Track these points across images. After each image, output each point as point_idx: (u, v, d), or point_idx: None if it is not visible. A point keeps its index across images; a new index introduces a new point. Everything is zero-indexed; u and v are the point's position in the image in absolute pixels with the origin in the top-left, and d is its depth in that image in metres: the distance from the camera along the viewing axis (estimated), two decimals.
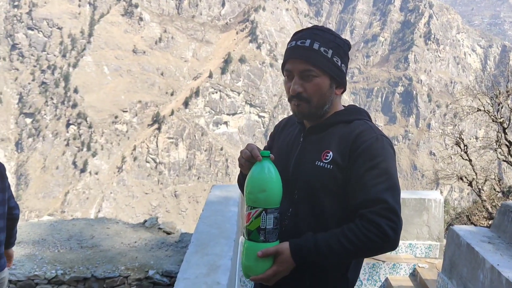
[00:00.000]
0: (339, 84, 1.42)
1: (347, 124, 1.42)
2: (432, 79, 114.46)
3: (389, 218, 1.25)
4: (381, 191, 1.27)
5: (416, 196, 4.44)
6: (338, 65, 1.39)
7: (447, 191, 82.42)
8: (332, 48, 1.38)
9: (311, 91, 1.38)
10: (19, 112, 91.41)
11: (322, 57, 1.37)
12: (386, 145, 1.35)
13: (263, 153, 1.35)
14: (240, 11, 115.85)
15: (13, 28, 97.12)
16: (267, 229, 1.31)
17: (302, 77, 1.38)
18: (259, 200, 1.30)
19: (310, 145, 1.44)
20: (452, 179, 10.22)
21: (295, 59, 1.39)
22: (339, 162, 1.35)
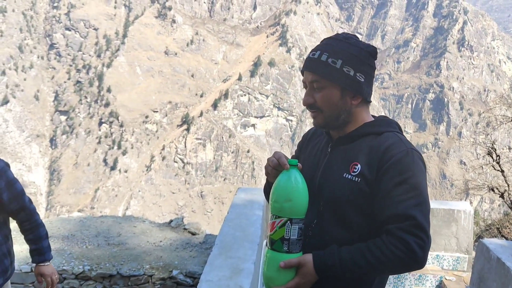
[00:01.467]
0: (355, 94, 1.39)
1: (376, 136, 1.38)
2: (464, 87, 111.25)
3: (417, 235, 1.20)
4: (409, 207, 1.23)
5: (445, 206, 4.33)
6: (349, 75, 1.36)
7: (477, 202, 79.81)
8: (342, 58, 1.36)
9: (320, 101, 1.38)
10: (54, 110, 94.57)
11: (330, 68, 1.36)
12: (416, 160, 1.31)
13: (291, 162, 1.32)
14: (271, 15, 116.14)
15: (51, 28, 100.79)
16: (291, 240, 1.28)
17: (312, 88, 1.40)
18: (285, 209, 1.28)
19: (337, 156, 1.42)
20: (483, 190, 9.90)
21: (306, 71, 1.41)
22: (367, 175, 1.32)
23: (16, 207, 2.17)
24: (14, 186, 2.15)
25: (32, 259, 2.25)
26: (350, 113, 1.40)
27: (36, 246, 2.24)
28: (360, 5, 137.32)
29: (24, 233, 2.23)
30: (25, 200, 2.22)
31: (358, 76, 1.37)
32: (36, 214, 2.26)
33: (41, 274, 2.25)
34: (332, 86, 1.37)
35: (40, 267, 2.24)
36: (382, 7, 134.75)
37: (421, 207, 1.24)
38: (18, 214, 2.20)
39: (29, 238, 2.25)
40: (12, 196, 2.13)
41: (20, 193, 2.20)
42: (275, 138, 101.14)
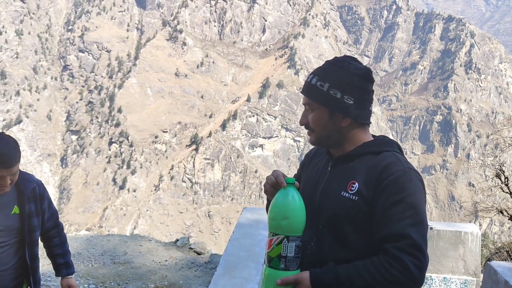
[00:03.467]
0: (343, 115, 1.41)
1: (375, 155, 1.40)
2: (472, 109, 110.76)
3: (414, 255, 1.20)
4: (406, 226, 1.23)
5: (451, 228, 4.32)
6: (336, 97, 1.39)
7: (486, 224, 78.30)
8: (329, 81, 1.40)
9: (311, 122, 1.44)
10: (66, 129, 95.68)
11: (317, 91, 1.41)
12: (414, 179, 1.32)
13: (288, 180, 1.34)
14: (280, 38, 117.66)
15: (66, 50, 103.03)
16: (288, 257, 1.28)
17: (306, 110, 1.48)
18: (282, 227, 1.29)
19: (336, 175, 1.44)
20: (492, 212, 9.81)
21: (302, 93, 1.50)
22: (365, 193, 1.33)
23: (51, 225, 2.31)
24: (52, 205, 2.32)
25: (59, 272, 2.36)
26: (342, 134, 1.43)
27: (64, 260, 2.35)
28: (367, 28, 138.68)
29: (52, 248, 2.34)
30: (58, 216, 2.38)
31: (346, 99, 1.40)
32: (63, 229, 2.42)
33: (69, 286, 2.36)
34: (320, 108, 1.42)
35: (68, 280, 2.36)
36: (390, 30, 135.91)
37: (418, 226, 1.24)
38: (51, 230, 2.32)
39: (58, 253, 2.35)
40: (50, 215, 2.28)
41: (56, 211, 2.36)
42: (283, 159, 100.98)
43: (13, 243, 2.10)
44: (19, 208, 2.10)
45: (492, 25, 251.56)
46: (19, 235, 2.10)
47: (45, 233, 2.29)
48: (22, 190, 2.10)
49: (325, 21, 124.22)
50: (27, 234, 2.11)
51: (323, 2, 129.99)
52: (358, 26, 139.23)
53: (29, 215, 2.11)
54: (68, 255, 2.40)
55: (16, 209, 2.10)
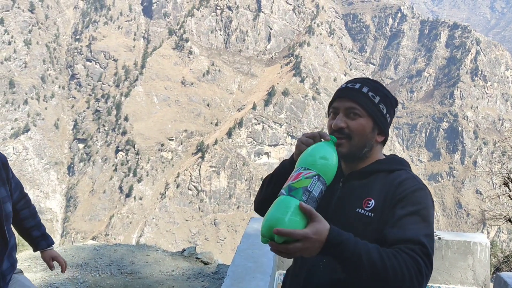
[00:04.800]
0: (381, 131, 1.44)
1: (388, 173, 1.40)
2: (478, 116, 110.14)
3: (426, 261, 1.19)
4: (422, 235, 1.23)
5: (460, 238, 4.29)
6: (383, 112, 1.42)
7: (494, 232, 77.39)
8: (380, 96, 1.43)
9: (353, 128, 1.40)
10: (73, 138, 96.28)
11: (369, 100, 1.41)
12: (428, 195, 1.34)
13: (332, 137, 1.35)
14: (285, 46, 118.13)
15: (73, 60, 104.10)
16: (312, 194, 1.20)
17: (347, 115, 1.42)
18: (317, 164, 1.25)
19: (349, 191, 1.42)
20: (500, 221, 9.75)
21: (342, 98, 1.43)
22: (381, 210, 1.33)
23: (18, 196, 2.14)
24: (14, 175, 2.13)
25: (38, 245, 2.22)
26: (371, 148, 1.44)
27: (40, 232, 2.20)
28: (372, 36, 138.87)
29: (23, 222, 2.17)
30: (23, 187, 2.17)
31: (387, 116, 1.45)
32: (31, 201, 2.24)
33: (53, 258, 2.23)
34: (367, 117, 1.41)
35: (50, 251, 2.22)
36: (395, 38, 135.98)
37: (430, 238, 1.24)
38: (19, 202, 2.14)
39: (31, 225, 2.18)
40: (15, 184, 2.10)
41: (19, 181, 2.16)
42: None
43: None
44: None
45: (498, 32, 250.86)
46: None
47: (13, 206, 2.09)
48: None
49: (330, 29, 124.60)
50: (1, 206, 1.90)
51: (328, 10, 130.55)
52: (363, 34, 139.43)
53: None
54: (43, 227, 2.23)
55: None
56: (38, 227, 2.21)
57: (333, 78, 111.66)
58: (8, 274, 1.98)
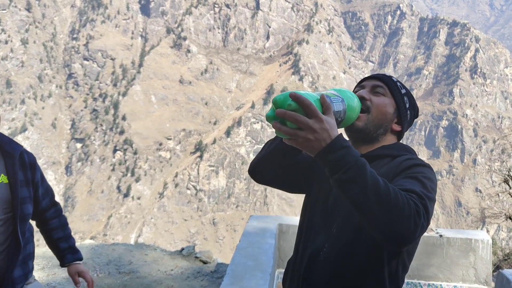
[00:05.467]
0: (399, 120, 1.44)
1: (392, 158, 1.38)
2: (478, 114, 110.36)
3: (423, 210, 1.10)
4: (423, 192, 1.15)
5: (461, 235, 4.22)
6: (406, 104, 1.45)
7: (494, 230, 77.54)
8: (406, 90, 1.47)
9: (376, 103, 1.40)
10: (70, 137, 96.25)
11: (396, 87, 1.44)
12: (431, 171, 1.30)
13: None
14: (284, 44, 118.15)
15: (70, 59, 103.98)
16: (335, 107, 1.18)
17: (372, 91, 1.43)
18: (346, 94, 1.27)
19: None
20: (500, 218, 9.67)
21: (372, 79, 1.47)
22: None
23: (48, 204, 2.02)
24: (45, 180, 2.00)
25: (64, 259, 2.07)
26: (386, 133, 1.43)
27: (68, 244, 2.08)
28: (371, 34, 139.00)
29: (51, 232, 2.05)
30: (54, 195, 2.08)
31: (408, 112, 1.46)
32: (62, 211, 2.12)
33: (79, 273, 2.07)
34: (391, 100, 1.43)
35: (77, 266, 2.07)
36: (394, 36, 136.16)
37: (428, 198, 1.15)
38: (48, 210, 2.03)
39: (59, 237, 2.06)
40: (45, 190, 1.99)
41: (51, 188, 2.05)
42: None
43: (5, 219, 1.79)
44: (8, 176, 1.80)
45: (497, 30, 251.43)
46: (10, 210, 1.79)
47: (42, 214, 1.98)
48: (9, 154, 1.81)
49: (329, 27, 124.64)
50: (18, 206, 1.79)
51: (327, 8, 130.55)
52: (362, 31, 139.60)
53: (20, 184, 1.81)
54: (71, 239, 2.09)
55: (3, 178, 1.79)
56: (67, 239, 2.08)
57: (332, 76, 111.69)
58: (19, 283, 1.86)
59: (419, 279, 4.14)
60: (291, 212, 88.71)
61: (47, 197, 2.01)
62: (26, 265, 1.90)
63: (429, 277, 4.13)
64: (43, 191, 1.97)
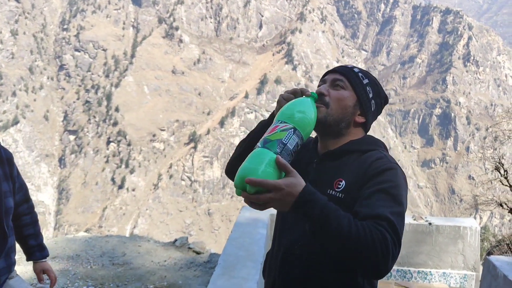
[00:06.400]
0: (363, 112, 1.43)
1: (361, 154, 1.38)
2: (471, 101, 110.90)
3: (393, 238, 1.14)
4: (388, 213, 1.19)
5: (450, 223, 4.28)
6: (368, 95, 1.42)
7: (487, 217, 78.56)
8: (369, 79, 1.44)
9: (333, 96, 1.40)
10: (63, 129, 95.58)
11: (357, 78, 1.42)
12: (399, 175, 1.31)
13: (313, 94, 1.35)
14: (276, 33, 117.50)
15: (61, 50, 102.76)
16: (287, 147, 1.19)
17: (332, 85, 1.43)
18: (295, 117, 1.24)
19: (322, 172, 1.41)
20: (492, 205, 9.78)
21: (333, 72, 1.46)
22: (351, 191, 1.31)
23: (21, 198, 2.06)
24: (20, 175, 2.05)
25: (32, 256, 2.12)
26: (349, 127, 1.42)
27: (36, 241, 2.12)
28: (364, 22, 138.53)
29: (22, 228, 2.08)
30: (28, 190, 2.11)
31: (372, 103, 1.44)
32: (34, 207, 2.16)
33: (44, 271, 2.14)
34: (351, 92, 1.41)
35: (43, 264, 2.13)
36: (387, 24, 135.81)
37: (398, 217, 1.21)
38: (20, 206, 2.07)
39: (29, 233, 2.10)
40: (19, 185, 2.03)
41: (25, 183, 2.10)
42: None
43: None
44: None
45: (490, 17, 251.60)
46: None
47: (14, 209, 2.00)
48: None
49: (322, 16, 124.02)
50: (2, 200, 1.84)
51: None
52: (355, 20, 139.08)
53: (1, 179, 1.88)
54: (41, 237, 2.15)
55: None
56: (36, 236, 2.12)
57: (325, 66, 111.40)
58: (3, 275, 1.92)
59: (409, 266, 4.19)
60: None
61: (21, 191, 2.05)
62: (9, 257, 1.94)
63: (418, 264, 4.19)
64: (18, 186, 2.01)
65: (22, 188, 2.07)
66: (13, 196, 1.94)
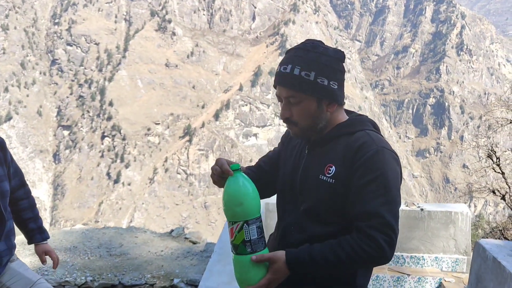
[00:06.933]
0: (330, 101, 1.41)
1: (350, 136, 1.40)
2: (464, 91, 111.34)
3: (386, 233, 1.26)
4: (378, 206, 1.27)
5: (442, 209, 4.35)
6: (323, 85, 1.37)
7: (481, 205, 79.36)
8: (314, 69, 1.36)
9: (297, 115, 1.40)
10: (57, 125, 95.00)
11: (304, 81, 1.36)
12: (387, 158, 1.34)
13: (233, 167, 1.34)
14: (270, 25, 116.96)
15: (53, 44, 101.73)
16: (252, 240, 1.29)
17: (289, 103, 1.40)
18: (238, 214, 1.29)
19: (314, 158, 1.44)
20: (485, 193, 9.92)
21: (279, 85, 1.41)
22: (342, 176, 1.35)
23: (17, 183, 2.11)
24: (14, 160, 2.09)
25: (32, 238, 2.20)
26: (326, 120, 1.43)
27: (36, 224, 2.19)
28: (358, 13, 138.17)
29: (21, 213, 2.15)
30: (24, 176, 2.15)
31: (332, 84, 1.38)
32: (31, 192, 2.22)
33: (46, 252, 2.21)
34: (308, 99, 1.38)
35: (44, 245, 2.21)
36: (380, 14, 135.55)
37: (389, 205, 1.28)
38: (17, 190, 2.11)
39: (28, 217, 2.17)
40: (14, 170, 2.08)
41: (20, 169, 2.14)
42: None
43: None
44: None
45: (483, 6, 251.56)
46: None
47: (11, 194, 2.05)
48: None
49: (315, 7, 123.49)
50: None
51: None
52: (348, 10, 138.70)
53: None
54: (40, 220, 2.21)
55: None
56: (35, 220, 2.18)
57: None
58: (5, 256, 1.97)
59: (402, 251, 4.27)
60: None
61: (16, 176, 2.09)
62: (9, 240, 1.99)
63: (411, 249, 4.27)
64: (13, 171, 2.06)
65: (17, 173, 2.11)
66: (8, 181, 1.98)
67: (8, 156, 2.01)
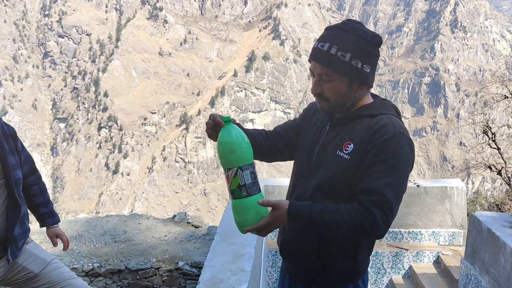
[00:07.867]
0: (361, 83, 1.47)
1: (371, 118, 1.47)
2: (460, 68, 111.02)
3: (384, 211, 1.34)
4: (383, 185, 1.35)
5: (438, 184, 4.44)
6: (357, 67, 1.43)
7: (479, 182, 80.00)
8: (351, 51, 1.42)
9: (328, 92, 1.47)
10: (53, 118, 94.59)
11: (339, 61, 1.42)
12: (403, 143, 1.40)
13: (224, 119, 1.45)
14: (262, 9, 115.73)
15: (44, 37, 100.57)
16: (247, 184, 1.39)
17: (321, 79, 1.47)
18: (232, 160, 1.39)
19: (334, 135, 1.52)
20: (481, 168, 10.01)
21: (314, 61, 1.48)
22: (358, 154, 1.43)
23: (28, 170, 2.21)
24: (25, 148, 2.19)
25: (44, 222, 2.32)
26: (355, 101, 1.50)
27: (47, 209, 2.30)
28: None
29: (32, 198, 2.25)
30: (34, 162, 2.26)
31: (365, 68, 1.45)
32: (42, 178, 2.32)
33: (57, 235, 2.33)
34: (340, 78, 1.45)
35: (55, 229, 2.32)
36: None
37: (393, 187, 1.36)
38: (28, 177, 2.22)
39: (40, 202, 2.28)
40: (25, 157, 2.17)
41: (30, 155, 2.24)
42: None
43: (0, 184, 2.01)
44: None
45: None
46: (3, 176, 2.01)
47: (23, 180, 2.15)
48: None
49: None
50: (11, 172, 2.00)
51: None
52: None
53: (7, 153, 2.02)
54: (51, 204, 2.32)
55: None
56: (46, 204, 2.29)
57: (313, 39, 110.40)
58: (20, 239, 2.10)
59: (400, 227, 4.37)
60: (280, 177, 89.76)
61: (27, 163, 2.19)
62: (24, 224, 2.12)
63: (409, 225, 4.37)
64: (24, 158, 2.16)
65: (28, 161, 2.21)
66: (20, 169, 2.09)
67: (19, 144, 2.11)
